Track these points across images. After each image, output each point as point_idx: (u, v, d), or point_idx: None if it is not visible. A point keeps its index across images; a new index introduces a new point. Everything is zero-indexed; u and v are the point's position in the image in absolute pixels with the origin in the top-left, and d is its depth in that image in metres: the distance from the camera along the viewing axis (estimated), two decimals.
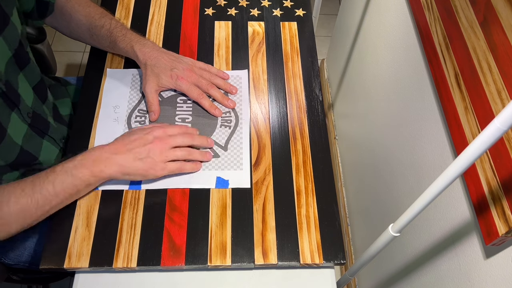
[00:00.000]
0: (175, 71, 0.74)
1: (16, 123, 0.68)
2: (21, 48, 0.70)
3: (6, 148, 0.66)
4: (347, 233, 1.34)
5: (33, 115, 0.72)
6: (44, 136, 0.75)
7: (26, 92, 0.71)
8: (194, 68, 0.77)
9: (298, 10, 0.91)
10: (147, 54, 0.74)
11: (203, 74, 0.77)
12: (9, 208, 0.56)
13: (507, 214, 0.51)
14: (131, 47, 0.74)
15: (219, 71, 0.80)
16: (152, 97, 0.74)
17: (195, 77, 0.75)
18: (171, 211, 0.66)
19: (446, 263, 0.70)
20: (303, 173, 0.70)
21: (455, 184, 0.66)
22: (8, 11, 0.66)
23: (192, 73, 0.75)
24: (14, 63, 0.68)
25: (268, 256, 0.63)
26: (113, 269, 0.62)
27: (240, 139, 0.73)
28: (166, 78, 0.74)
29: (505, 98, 0.52)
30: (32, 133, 0.72)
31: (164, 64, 0.74)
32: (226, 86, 0.78)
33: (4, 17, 0.65)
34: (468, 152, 0.37)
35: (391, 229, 0.53)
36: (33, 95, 0.73)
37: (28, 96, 0.72)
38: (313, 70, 0.82)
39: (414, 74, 0.82)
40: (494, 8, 0.56)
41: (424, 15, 0.75)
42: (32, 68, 0.74)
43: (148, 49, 0.74)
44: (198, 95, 0.75)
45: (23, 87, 0.71)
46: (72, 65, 1.82)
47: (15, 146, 0.68)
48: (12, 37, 0.67)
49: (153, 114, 0.74)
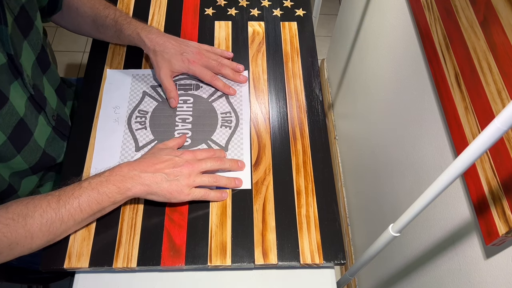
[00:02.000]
0: (185, 55, 0.75)
1: (42, 126, 0.69)
2: (44, 52, 0.71)
3: (29, 151, 0.67)
4: (347, 233, 1.34)
5: (57, 118, 0.73)
6: (65, 139, 0.76)
7: (50, 95, 0.73)
8: (202, 51, 0.78)
9: (298, 10, 0.91)
10: (154, 40, 0.74)
11: (211, 56, 0.78)
12: (34, 221, 0.55)
13: (507, 214, 0.51)
14: (137, 34, 0.74)
15: (223, 51, 0.82)
16: (169, 83, 0.75)
17: (205, 59, 0.77)
18: (171, 211, 0.66)
19: (446, 263, 0.70)
20: (303, 173, 0.70)
21: (455, 184, 0.66)
22: (32, 14, 0.67)
23: (201, 56, 0.77)
24: (38, 67, 0.69)
25: (268, 256, 0.63)
26: (113, 269, 0.62)
27: (241, 139, 0.73)
28: (178, 63, 0.75)
29: (505, 98, 0.52)
30: (55, 136, 0.73)
31: (173, 49, 0.75)
32: (232, 65, 0.80)
33: (28, 21, 0.66)
34: (468, 152, 0.37)
35: (391, 229, 0.53)
36: (56, 97, 0.74)
37: (52, 99, 0.73)
38: (313, 70, 0.82)
39: (414, 74, 0.82)
40: (494, 8, 0.56)
41: (424, 15, 0.75)
42: (53, 71, 0.75)
43: (154, 35, 0.74)
44: (211, 77, 0.76)
45: (48, 90, 0.72)
46: (72, 65, 1.82)
47: (39, 149, 0.69)
48: (36, 41, 0.68)
49: (173, 100, 0.75)
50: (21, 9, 0.64)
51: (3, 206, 0.56)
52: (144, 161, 0.63)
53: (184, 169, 0.63)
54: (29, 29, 0.66)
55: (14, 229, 0.54)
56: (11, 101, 0.61)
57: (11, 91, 0.61)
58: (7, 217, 0.54)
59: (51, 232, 0.57)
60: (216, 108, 0.77)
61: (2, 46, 0.59)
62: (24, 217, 0.55)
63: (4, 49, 0.59)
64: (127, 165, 0.62)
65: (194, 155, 0.66)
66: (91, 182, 0.59)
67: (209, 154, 0.68)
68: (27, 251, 0.57)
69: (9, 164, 0.64)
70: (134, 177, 0.60)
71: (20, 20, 0.63)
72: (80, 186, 0.58)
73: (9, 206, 0.56)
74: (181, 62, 0.75)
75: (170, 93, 0.75)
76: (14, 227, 0.54)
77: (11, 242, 0.54)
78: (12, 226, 0.54)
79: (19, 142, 0.64)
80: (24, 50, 0.65)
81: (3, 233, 0.53)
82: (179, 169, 0.63)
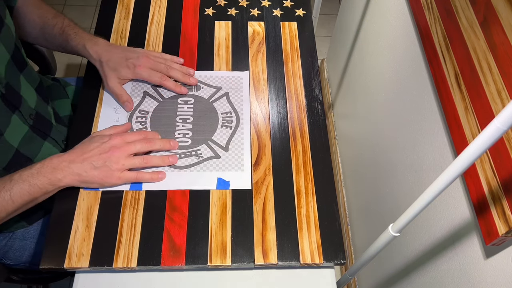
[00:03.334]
0: (130, 60, 0.74)
1: (15, 126, 0.68)
2: (18, 51, 0.70)
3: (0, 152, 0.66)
4: (347, 233, 1.34)
5: (35, 117, 0.72)
6: (46, 138, 0.75)
7: (28, 93, 0.72)
8: (149, 55, 0.76)
9: (298, 10, 0.91)
10: (98, 52, 0.73)
11: (158, 59, 0.77)
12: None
13: (507, 214, 0.51)
14: (83, 45, 0.74)
15: (173, 56, 0.80)
16: (119, 89, 0.74)
17: (152, 62, 0.75)
18: (171, 211, 0.66)
19: (446, 263, 0.70)
20: (303, 173, 0.70)
21: (455, 184, 0.66)
22: (1, 13, 0.66)
23: (148, 59, 0.75)
24: (14, 65, 0.68)
25: (268, 256, 0.63)
26: (113, 269, 0.62)
27: (241, 139, 0.73)
28: (124, 70, 0.74)
29: (505, 98, 0.52)
30: (33, 134, 0.72)
31: (118, 57, 0.74)
32: (182, 69, 0.79)
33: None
34: (468, 152, 0.37)
35: (391, 229, 0.53)
36: (36, 96, 0.73)
37: (31, 97, 0.72)
38: (313, 70, 0.82)
39: (414, 74, 0.82)
40: (494, 8, 0.56)
41: (424, 15, 0.75)
42: (30, 70, 0.74)
43: (99, 47, 0.74)
44: (160, 78, 0.75)
45: (25, 88, 0.71)
46: (72, 65, 1.82)
47: (10, 149, 0.68)
48: (9, 39, 0.67)
49: (128, 103, 0.74)
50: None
51: None
52: (73, 152, 0.64)
53: (111, 155, 0.64)
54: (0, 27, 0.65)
55: None
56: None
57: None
58: None
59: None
60: (217, 108, 0.77)
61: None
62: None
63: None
64: (57, 157, 0.63)
65: (122, 139, 0.67)
66: (22, 174, 0.61)
67: (139, 136, 0.69)
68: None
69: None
70: (64, 168, 0.62)
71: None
72: (11, 179, 0.60)
73: None
74: (126, 68, 0.74)
75: (122, 97, 0.74)
76: None
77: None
78: None
79: None
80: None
81: None
82: (106, 154, 0.64)
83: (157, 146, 0.70)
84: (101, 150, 0.64)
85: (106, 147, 0.65)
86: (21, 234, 0.79)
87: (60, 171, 0.62)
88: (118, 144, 0.66)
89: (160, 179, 0.68)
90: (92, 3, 1.92)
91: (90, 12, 1.91)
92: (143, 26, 0.86)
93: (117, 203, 0.66)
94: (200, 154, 0.71)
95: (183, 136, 0.73)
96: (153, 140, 0.69)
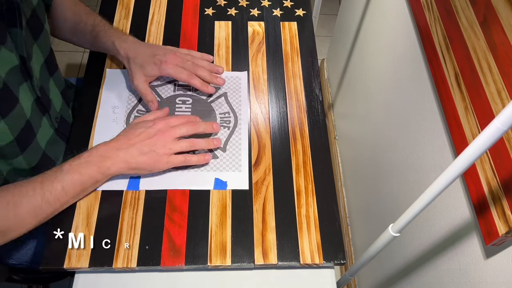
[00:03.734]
0: (157, 57, 0.73)
1: (45, 128, 0.70)
2: (52, 54, 0.71)
3: (31, 152, 0.67)
4: (347, 233, 1.34)
5: (60, 120, 0.74)
6: (66, 140, 0.76)
7: (56, 97, 0.73)
8: (176, 53, 0.76)
9: (298, 10, 0.91)
10: (126, 48, 0.73)
11: (186, 56, 0.76)
12: (21, 208, 0.57)
13: (507, 214, 0.51)
14: (112, 42, 0.74)
15: (203, 54, 0.80)
16: (144, 88, 0.74)
17: (179, 59, 0.74)
18: (171, 211, 0.66)
19: (446, 263, 0.70)
20: (303, 173, 0.70)
21: (455, 184, 0.66)
22: (42, 18, 0.68)
23: (175, 56, 0.74)
24: (46, 69, 0.70)
25: (268, 256, 0.63)
26: (113, 269, 0.62)
27: (239, 140, 0.73)
28: (150, 66, 0.73)
29: (505, 98, 0.52)
30: (57, 137, 0.73)
31: (145, 53, 0.73)
32: (211, 67, 0.78)
33: (39, 24, 0.67)
34: (468, 152, 0.37)
35: (391, 229, 0.53)
36: (62, 100, 0.74)
37: (57, 101, 0.74)
38: (313, 70, 0.82)
39: (414, 74, 0.82)
40: (494, 8, 0.56)
41: (424, 15, 0.75)
42: (59, 73, 0.76)
43: (127, 44, 0.74)
44: (187, 76, 0.74)
45: (54, 92, 0.73)
46: (72, 65, 1.82)
47: (39, 150, 0.69)
48: (45, 44, 0.69)
49: (151, 103, 0.74)
50: (33, 12, 0.64)
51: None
52: (119, 139, 0.64)
53: (158, 139, 0.64)
54: (39, 32, 0.66)
55: (5, 217, 0.56)
56: (21, 103, 0.62)
57: (20, 92, 0.61)
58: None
59: (39, 215, 0.59)
60: (215, 109, 0.77)
61: (15, 48, 0.60)
62: (13, 204, 0.57)
63: (17, 52, 0.60)
64: (103, 145, 0.63)
65: (166, 122, 0.66)
66: (72, 164, 0.60)
67: (183, 120, 0.68)
68: (18, 235, 0.59)
69: (11, 163, 0.65)
70: (112, 156, 0.62)
71: (31, 23, 0.64)
72: (61, 170, 0.60)
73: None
74: (153, 64, 0.73)
75: (147, 97, 0.74)
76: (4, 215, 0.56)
77: (2, 230, 0.56)
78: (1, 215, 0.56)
79: (24, 143, 0.65)
80: (34, 52, 0.65)
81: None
82: (153, 139, 0.64)
83: (201, 129, 0.69)
84: (147, 135, 0.64)
85: (152, 132, 0.64)
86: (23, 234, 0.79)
87: (108, 158, 0.62)
88: (164, 128, 0.65)
89: (206, 161, 0.68)
90: (92, 3, 1.92)
91: None
92: (143, 26, 0.86)
93: (117, 203, 0.66)
94: None
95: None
96: (197, 123, 0.69)
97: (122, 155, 0.62)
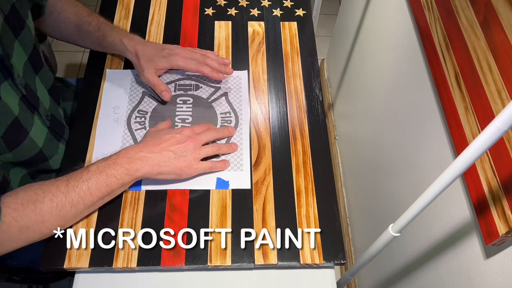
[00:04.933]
0: (166, 51, 0.75)
1: (38, 126, 0.69)
2: (36, 52, 0.70)
3: (24, 149, 0.67)
4: (347, 233, 1.34)
5: (51, 118, 0.73)
6: (60, 140, 0.76)
7: (43, 95, 0.72)
8: (185, 47, 0.78)
9: (298, 10, 0.91)
10: (135, 46, 0.74)
11: (195, 50, 0.79)
12: (44, 205, 0.56)
13: (507, 214, 0.51)
14: (120, 40, 0.75)
15: (208, 51, 0.81)
16: (155, 79, 0.75)
17: (187, 52, 0.77)
18: (171, 211, 0.66)
19: (446, 263, 0.70)
20: (303, 173, 0.70)
21: (455, 184, 0.66)
22: (24, 13, 0.66)
23: (183, 49, 0.77)
24: (30, 67, 0.69)
25: (268, 256, 0.63)
26: (113, 269, 0.62)
27: (240, 139, 0.73)
28: (159, 59, 0.74)
29: (505, 98, 0.52)
30: (51, 136, 0.73)
31: (154, 49, 0.75)
32: (219, 58, 0.80)
33: (19, 20, 0.65)
34: (468, 152, 0.37)
35: (391, 229, 0.53)
36: (49, 98, 0.74)
37: (45, 99, 0.73)
38: (313, 70, 0.82)
39: (414, 74, 0.82)
40: (494, 8, 0.56)
41: (424, 15, 0.75)
42: (46, 71, 0.75)
43: (135, 41, 0.75)
44: (197, 65, 0.76)
45: (41, 90, 0.72)
46: (72, 65, 1.82)
47: (35, 148, 0.69)
48: (28, 41, 0.67)
49: (165, 93, 0.74)
50: (12, 8, 0.63)
51: (12, 192, 0.57)
52: (148, 143, 0.64)
53: (188, 144, 0.65)
54: (20, 29, 0.65)
55: (25, 214, 0.55)
56: (4, 101, 0.60)
57: (1, 91, 0.60)
58: (16, 203, 0.55)
59: (62, 216, 0.58)
60: (216, 108, 0.77)
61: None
62: (34, 202, 0.56)
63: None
64: (133, 147, 0.63)
65: (192, 130, 0.68)
66: (99, 165, 0.60)
67: (205, 127, 0.70)
68: (39, 235, 0.58)
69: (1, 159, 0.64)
70: (142, 158, 0.62)
71: (10, 19, 0.62)
72: (88, 170, 0.59)
73: (18, 193, 0.57)
74: (162, 57, 0.75)
75: (159, 87, 0.75)
76: (24, 212, 0.55)
77: (22, 226, 0.55)
78: (21, 211, 0.55)
79: (13, 142, 0.64)
80: (16, 50, 0.64)
81: (13, 217, 0.54)
82: (183, 144, 0.64)
83: (221, 134, 0.71)
84: (178, 141, 0.65)
85: (182, 138, 0.65)
86: None
87: (139, 161, 0.61)
88: (191, 135, 0.67)
89: (227, 167, 0.70)
90: (92, 3, 1.92)
91: None
92: (143, 26, 0.86)
93: (117, 203, 0.66)
94: None
95: None
96: (216, 129, 0.71)
97: (154, 158, 0.62)
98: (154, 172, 0.62)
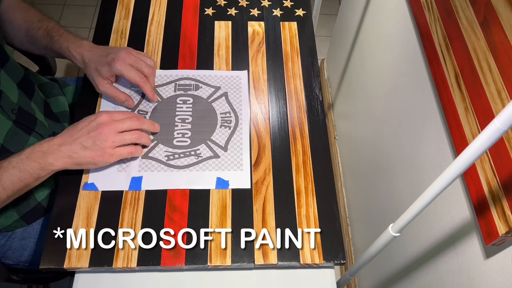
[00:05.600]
0: (110, 56, 0.71)
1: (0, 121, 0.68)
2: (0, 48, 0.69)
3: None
4: (347, 233, 1.34)
5: (18, 112, 0.72)
6: (31, 133, 0.75)
7: (9, 88, 0.71)
8: (131, 51, 0.74)
9: (298, 10, 0.91)
10: (82, 53, 0.72)
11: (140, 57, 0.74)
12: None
13: (507, 214, 0.51)
14: (67, 48, 0.73)
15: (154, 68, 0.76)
16: (111, 90, 0.73)
17: (133, 58, 0.72)
18: (171, 211, 0.66)
19: (446, 263, 0.70)
20: (303, 173, 0.70)
21: (455, 184, 0.66)
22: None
23: (129, 55, 0.72)
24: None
25: (268, 256, 0.63)
26: (113, 269, 0.62)
27: (240, 139, 0.73)
28: (104, 68, 0.71)
29: (505, 98, 0.52)
30: (17, 129, 0.72)
31: (99, 55, 0.72)
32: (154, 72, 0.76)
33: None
34: (468, 152, 0.37)
35: (391, 229, 0.53)
36: (18, 91, 0.73)
37: (12, 92, 0.72)
38: (313, 70, 0.82)
39: (414, 74, 0.82)
40: (494, 8, 0.56)
41: (424, 15, 0.75)
42: (13, 64, 0.73)
43: (83, 49, 0.73)
44: (140, 79, 0.72)
45: (6, 83, 0.70)
46: (72, 65, 1.82)
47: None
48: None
49: (127, 102, 0.73)
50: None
51: None
52: (62, 135, 0.64)
53: (100, 132, 0.63)
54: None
55: None
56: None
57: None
58: None
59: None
60: (216, 108, 0.77)
61: None
62: None
63: None
64: (46, 141, 0.63)
65: (110, 116, 0.66)
66: (11, 161, 0.60)
67: (127, 114, 0.68)
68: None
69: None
70: (54, 152, 0.62)
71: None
72: (0, 166, 0.59)
73: None
74: (106, 64, 0.71)
75: (119, 97, 0.73)
76: None
77: None
78: None
79: None
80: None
81: None
82: (95, 132, 0.63)
83: (146, 125, 0.69)
84: (89, 129, 0.64)
85: (94, 125, 0.64)
86: (20, 234, 0.79)
87: (51, 154, 0.61)
88: (106, 122, 0.65)
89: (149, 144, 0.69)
90: (92, 3, 1.92)
91: (90, 12, 1.91)
92: (143, 26, 0.86)
93: (117, 203, 0.66)
94: (199, 154, 0.71)
95: (182, 136, 0.73)
96: (141, 118, 0.69)
97: (65, 150, 0.62)
98: (69, 163, 0.62)
